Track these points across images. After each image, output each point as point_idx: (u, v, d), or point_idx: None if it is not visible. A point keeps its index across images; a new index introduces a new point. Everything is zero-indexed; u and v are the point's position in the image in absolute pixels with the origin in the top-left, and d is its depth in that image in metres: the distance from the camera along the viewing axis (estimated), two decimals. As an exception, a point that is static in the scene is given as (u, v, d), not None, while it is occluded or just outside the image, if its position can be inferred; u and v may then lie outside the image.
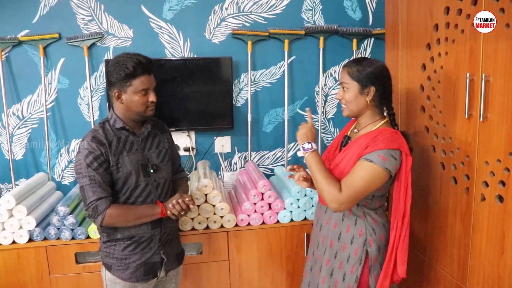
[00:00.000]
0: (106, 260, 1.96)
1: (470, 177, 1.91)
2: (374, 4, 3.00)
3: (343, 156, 1.83)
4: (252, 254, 2.53)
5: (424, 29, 2.18)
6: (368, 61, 1.80)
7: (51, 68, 2.76)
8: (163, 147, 2.03)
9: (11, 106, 2.76)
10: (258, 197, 2.48)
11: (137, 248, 1.93)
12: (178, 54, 2.86)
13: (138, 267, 1.94)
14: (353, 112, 1.84)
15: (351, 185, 1.70)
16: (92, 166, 1.81)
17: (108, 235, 1.93)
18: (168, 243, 2.04)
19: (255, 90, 2.97)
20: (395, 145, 1.73)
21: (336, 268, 1.88)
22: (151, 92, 1.88)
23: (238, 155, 3.04)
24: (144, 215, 1.89)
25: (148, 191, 1.94)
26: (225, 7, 2.85)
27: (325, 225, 1.94)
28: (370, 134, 1.79)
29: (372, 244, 1.82)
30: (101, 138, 1.85)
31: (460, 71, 1.92)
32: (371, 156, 1.70)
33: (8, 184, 2.81)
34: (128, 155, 1.89)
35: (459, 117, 1.95)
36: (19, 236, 2.30)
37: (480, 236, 1.88)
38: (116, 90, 1.85)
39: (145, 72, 1.85)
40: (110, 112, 1.94)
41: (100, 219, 1.81)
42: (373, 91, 1.78)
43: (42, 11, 2.69)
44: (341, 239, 1.87)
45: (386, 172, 1.70)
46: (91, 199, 1.81)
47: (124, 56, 1.84)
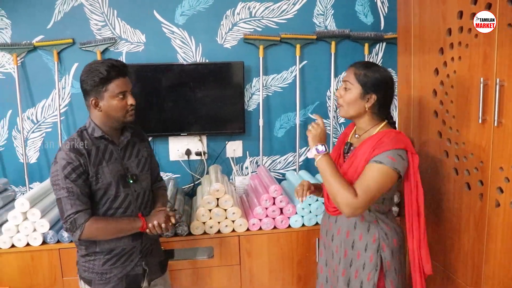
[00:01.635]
0: (85, 274, 1.87)
1: (484, 183, 1.89)
2: (386, 9, 3.00)
3: (350, 163, 1.81)
4: (263, 258, 2.53)
5: (437, 34, 2.16)
6: (377, 68, 1.79)
7: (65, 73, 2.79)
8: (142, 156, 1.95)
9: (25, 111, 2.79)
10: (270, 201, 2.48)
11: (117, 261, 1.86)
12: (190, 59, 2.87)
13: (119, 281, 1.87)
14: (349, 114, 1.83)
15: (367, 189, 1.67)
16: (70, 177, 1.71)
17: (86, 248, 1.83)
18: (149, 253, 1.96)
19: (267, 95, 2.98)
20: (401, 145, 1.72)
21: (352, 277, 1.85)
22: (129, 95, 1.80)
23: (249, 160, 3.04)
24: (124, 229, 1.81)
25: (128, 201, 1.85)
26: (236, 12, 2.86)
27: (337, 235, 1.91)
28: (374, 137, 1.77)
29: (385, 249, 1.81)
30: (79, 147, 1.75)
31: (474, 76, 1.91)
32: (380, 158, 1.69)
33: (22, 187, 2.85)
34: (107, 165, 1.80)
35: (473, 122, 1.94)
36: (33, 238, 2.32)
37: (494, 242, 1.86)
38: (92, 98, 1.77)
39: (119, 75, 1.77)
40: (88, 120, 1.85)
41: (78, 233, 1.72)
42: (374, 99, 1.77)
43: (56, 17, 2.72)
44: (355, 247, 1.85)
45: (395, 172, 1.70)
46: (69, 212, 1.71)
47: (96, 63, 1.78)
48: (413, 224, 1.82)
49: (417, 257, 1.83)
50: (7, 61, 2.73)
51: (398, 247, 1.86)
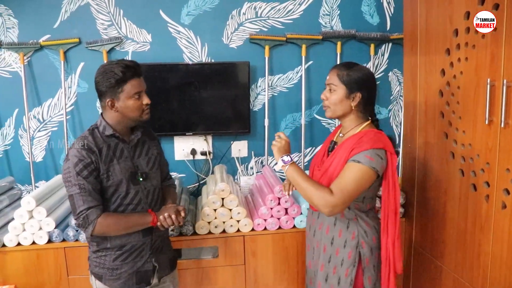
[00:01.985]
0: (96, 270, 1.90)
1: (491, 184, 1.89)
2: (392, 9, 2.99)
3: (331, 160, 1.84)
4: (268, 258, 2.53)
5: (444, 34, 2.16)
6: (358, 67, 1.83)
7: (71, 72, 2.80)
8: (152, 154, 1.98)
9: (32, 109, 2.81)
10: (275, 201, 2.48)
11: (128, 257, 1.89)
12: (195, 58, 2.88)
13: (130, 277, 1.90)
14: (336, 114, 1.86)
15: (344, 187, 1.70)
16: (82, 174, 1.74)
17: (98, 244, 1.87)
18: (159, 250, 1.99)
19: (272, 95, 2.98)
20: (380, 144, 1.75)
21: (330, 273, 1.89)
22: (144, 95, 1.84)
23: (254, 160, 3.04)
24: (135, 224, 1.84)
25: (138, 199, 1.88)
26: (242, 12, 2.86)
27: (318, 230, 1.96)
28: (355, 136, 1.81)
29: (364, 246, 1.84)
30: (91, 145, 1.79)
31: (481, 77, 1.90)
32: (358, 157, 1.72)
33: (28, 185, 2.86)
34: (118, 163, 1.84)
35: (479, 123, 1.93)
36: (39, 237, 2.33)
37: (500, 244, 1.85)
38: (108, 99, 1.79)
39: (134, 76, 1.79)
40: (99, 119, 1.87)
41: (91, 228, 1.75)
42: (359, 97, 1.80)
43: (63, 16, 2.74)
44: (334, 244, 1.88)
45: (373, 171, 1.72)
46: (81, 209, 1.74)
47: (110, 64, 1.78)
48: (389, 222, 1.83)
49: (390, 255, 1.84)
50: (14, 60, 2.74)
51: (377, 244, 1.89)
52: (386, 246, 1.84)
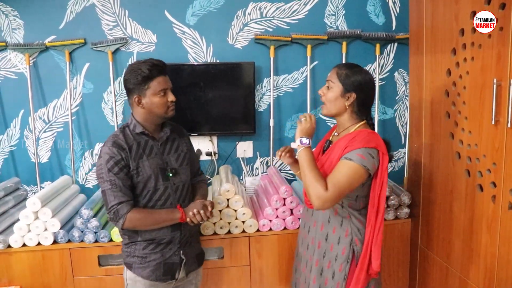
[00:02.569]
0: (128, 259, 2.00)
1: (497, 184, 1.87)
2: (397, 9, 2.98)
3: (326, 158, 1.89)
4: (273, 259, 2.52)
5: (449, 34, 2.14)
6: (359, 70, 1.86)
7: (76, 73, 2.81)
8: (181, 151, 2.07)
9: (37, 110, 2.82)
10: (280, 202, 2.47)
11: (157, 247, 1.97)
12: (201, 59, 2.88)
13: (158, 266, 1.98)
14: (331, 112, 1.90)
15: (336, 183, 1.73)
16: (113, 170, 1.85)
17: (129, 237, 1.98)
18: (188, 244, 2.07)
19: (278, 95, 2.97)
20: (372, 144, 1.78)
21: (325, 267, 1.93)
22: (169, 92, 1.93)
23: (260, 160, 3.04)
24: (164, 220, 1.93)
25: (167, 194, 1.97)
26: (247, 12, 2.86)
27: (313, 227, 2.00)
28: (348, 135, 1.84)
29: (358, 243, 1.88)
30: (121, 143, 1.89)
31: (487, 77, 1.89)
32: (350, 155, 1.76)
33: (34, 186, 2.87)
34: (147, 160, 1.93)
35: (486, 123, 1.92)
36: (44, 238, 2.34)
37: (507, 245, 1.84)
38: (135, 96, 1.90)
39: (160, 74, 1.90)
40: (130, 118, 1.98)
41: (121, 222, 1.86)
42: (353, 98, 1.84)
43: (68, 17, 2.74)
44: (328, 240, 1.92)
45: (364, 170, 1.75)
46: (112, 203, 1.85)
47: (138, 63, 1.90)
48: (371, 220, 1.86)
49: (368, 250, 1.85)
50: (20, 61, 2.75)
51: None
52: (368, 242, 1.86)
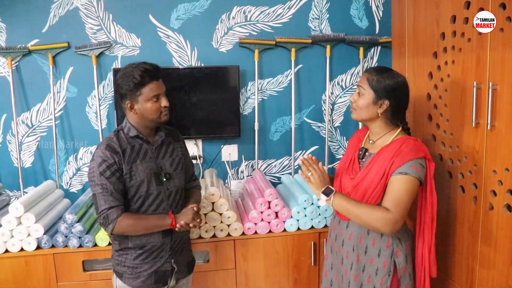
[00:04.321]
0: (118, 268, 1.97)
1: (478, 186, 1.90)
2: (380, 13, 3.01)
3: (367, 171, 1.81)
4: (259, 262, 2.52)
5: (431, 38, 2.18)
6: (390, 74, 1.80)
7: (60, 76, 2.79)
8: (176, 156, 2.05)
9: (20, 115, 2.79)
10: (265, 205, 2.48)
11: (148, 257, 1.95)
12: (185, 63, 2.88)
13: (149, 276, 1.95)
14: (362, 118, 1.85)
15: (398, 202, 1.68)
16: (105, 174, 1.83)
17: (120, 243, 1.95)
18: (179, 252, 2.04)
19: (262, 99, 2.98)
20: (421, 153, 1.75)
21: (365, 282, 1.85)
22: (163, 98, 1.90)
23: (245, 164, 3.04)
24: (154, 226, 1.90)
25: (160, 199, 1.94)
26: (232, 16, 2.87)
27: (348, 240, 1.90)
28: (392, 146, 1.78)
29: (399, 254, 1.82)
30: (115, 146, 1.86)
31: (467, 80, 1.92)
32: (405, 169, 1.71)
33: (17, 191, 2.84)
34: (141, 163, 1.90)
35: (467, 125, 1.94)
36: (27, 243, 2.31)
37: (488, 245, 1.87)
38: (128, 101, 1.87)
39: (153, 79, 1.85)
40: (125, 121, 1.95)
41: (111, 227, 1.83)
42: (387, 105, 1.78)
43: (51, 21, 2.72)
44: (368, 253, 1.84)
45: (419, 181, 1.73)
46: (102, 208, 1.83)
47: (130, 67, 1.85)
48: (425, 229, 1.83)
49: (426, 261, 1.84)
50: (2, 65, 2.72)
51: (411, 251, 1.88)
52: (422, 252, 1.84)
